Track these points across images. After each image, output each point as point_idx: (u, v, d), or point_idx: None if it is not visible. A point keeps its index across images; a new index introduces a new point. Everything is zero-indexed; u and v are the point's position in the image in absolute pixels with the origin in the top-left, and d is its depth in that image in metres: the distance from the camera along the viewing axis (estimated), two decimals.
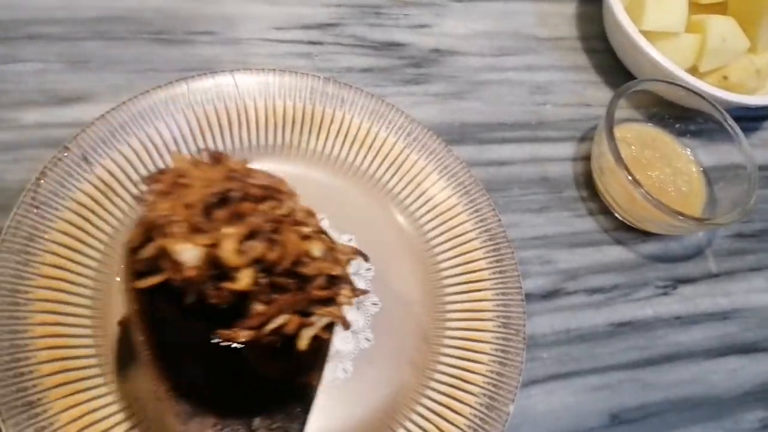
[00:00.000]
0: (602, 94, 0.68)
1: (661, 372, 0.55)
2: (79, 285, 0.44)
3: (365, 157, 0.54)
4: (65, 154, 0.47)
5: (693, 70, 0.64)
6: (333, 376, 0.46)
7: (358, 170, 0.54)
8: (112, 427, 0.40)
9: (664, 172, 0.60)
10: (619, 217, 0.60)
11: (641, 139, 0.62)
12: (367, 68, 0.62)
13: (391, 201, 0.54)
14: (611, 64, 0.69)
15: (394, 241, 0.52)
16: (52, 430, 0.38)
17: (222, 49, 0.59)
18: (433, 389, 0.46)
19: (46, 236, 0.44)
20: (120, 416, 0.41)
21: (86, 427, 0.39)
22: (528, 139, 0.63)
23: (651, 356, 0.55)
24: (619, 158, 0.55)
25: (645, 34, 0.62)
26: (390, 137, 0.55)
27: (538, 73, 0.67)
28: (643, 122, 0.64)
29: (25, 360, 0.40)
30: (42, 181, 0.45)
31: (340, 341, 0.48)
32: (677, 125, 0.63)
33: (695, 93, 0.60)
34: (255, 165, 0.51)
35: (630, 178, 0.54)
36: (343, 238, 0.51)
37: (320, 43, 0.62)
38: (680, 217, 0.54)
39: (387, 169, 0.54)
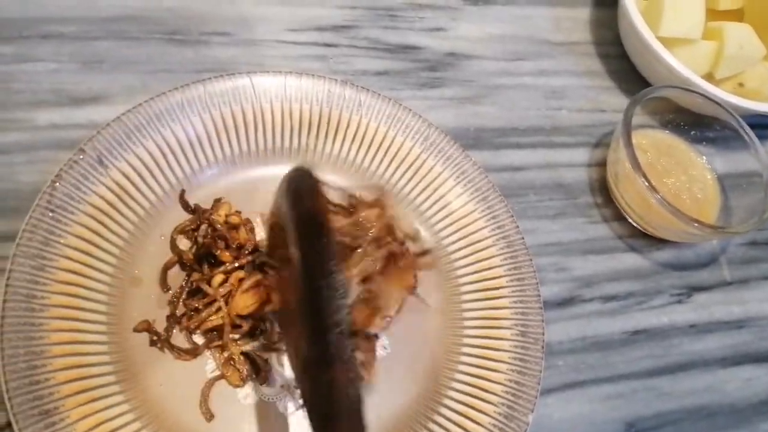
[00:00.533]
0: (616, 99, 0.67)
1: (676, 381, 0.54)
2: (95, 291, 0.43)
3: (381, 161, 0.54)
4: (81, 156, 0.46)
5: (709, 77, 0.64)
6: None
7: (374, 174, 0.54)
8: None
9: (680, 179, 0.60)
10: (634, 224, 0.60)
11: (657, 145, 0.62)
12: (381, 71, 0.61)
13: (407, 206, 0.53)
14: (625, 69, 0.69)
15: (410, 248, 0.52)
16: None
17: (236, 51, 0.58)
18: (452, 398, 0.46)
19: (61, 241, 0.43)
20: (137, 424, 0.40)
21: None
22: (543, 144, 0.62)
23: (666, 365, 0.55)
24: (636, 165, 0.54)
25: (661, 40, 0.62)
26: (407, 141, 0.54)
27: (553, 78, 0.67)
28: (659, 129, 0.63)
29: (41, 367, 0.39)
30: (57, 184, 0.45)
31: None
32: (693, 132, 0.63)
33: (711, 100, 0.60)
34: (271, 168, 0.52)
35: (647, 184, 0.54)
36: None
37: (335, 46, 0.62)
38: (696, 224, 0.54)
39: (403, 174, 0.54)
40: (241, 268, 0.46)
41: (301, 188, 0.35)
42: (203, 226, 0.48)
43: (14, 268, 0.41)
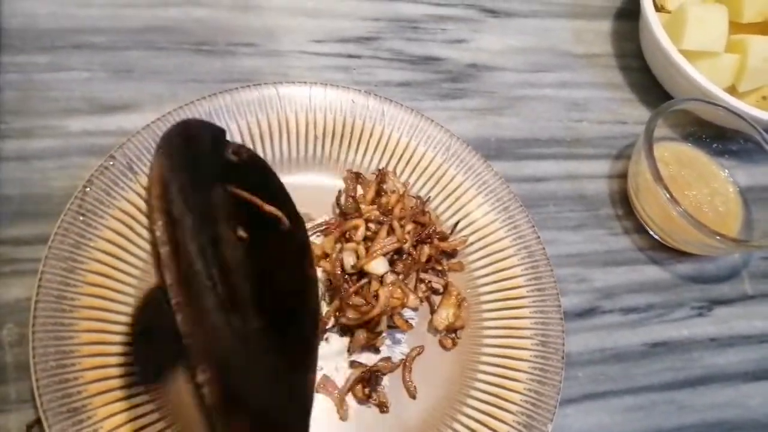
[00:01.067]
0: (637, 112, 0.67)
1: (696, 394, 0.54)
2: (123, 293, 0.44)
3: (403, 170, 0.55)
4: (111, 162, 0.47)
5: (732, 90, 0.64)
6: None
7: None
8: None
9: (702, 192, 0.60)
10: (655, 236, 0.60)
11: (678, 158, 0.62)
12: (404, 82, 0.62)
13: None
14: (646, 82, 0.69)
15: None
16: None
17: (262, 61, 0.60)
18: (470, 406, 0.46)
19: (91, 244, 0.44)
20: (161, 425, 0.41)
21: None
22: (564, 155, 0.62)
23: (687, 378, 0.55)
24: (658, 177, 0.54)
25: (683, 53, 0.62)
26: (429, 152, 0.55)
27: (574, 89, 0.67)
28: (681, 142, 0.63)
29: (70, 366, 0.40)
30: (88, 189, 0.46)
31: (375, 356, 0.48)
32: (714, 145, 0.63)
33: (734, 113, 0.60)
34: (295, 176, 0.53)
35: (668, 196, 0.54)
36: None
37: (358, 57, 0.63)
38: (718, 237, 0.54)
39: (425, 184, 0.54)
40: None
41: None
42: None
43: (46, 269, 0.42)
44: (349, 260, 0.47)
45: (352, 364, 0.47)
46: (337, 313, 0.47)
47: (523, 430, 0.45)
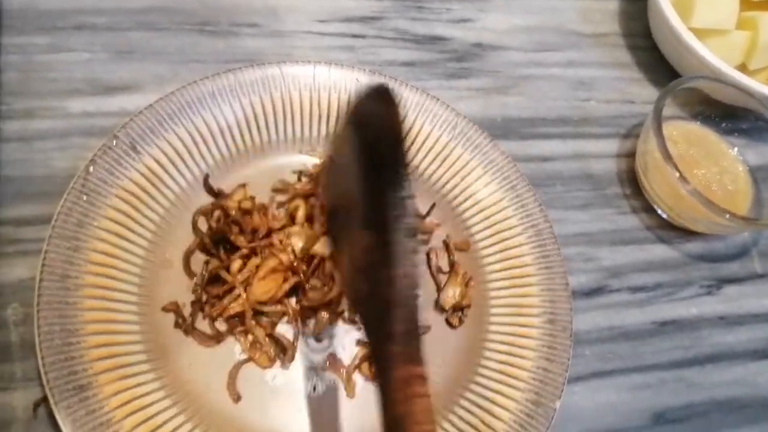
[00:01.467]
0: (645, 91, 0.67)
1: (705, 372, 0.54)
2: (127, 272, 0.44)
3: (409, 149, 0.54)
4: (114, 142, 0.47)
5: (742, 68, 0.63)
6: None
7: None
8: (160, 412, 0.40)
9: (711, 170, 0.59)
10: (663, 215, 0.59)
11: (687, 137, 0.61)
12: (409, 62, 0.62)
13: (435, 195, 0.53)
14: (654, 61, 0.68)
15: (438, 236, 0.52)
16: (102, 413, 0.38)
17: (266, 42, 0.59)
18: (478, 383, 0.46)
19: (95, 223, 0.44)
20: (167, 402, 0.41)
21: (135, 411, 0.39)
22: (571, 135, 0.62)
23: (695, 356, 0.54)
24: (667, 155, 0.54)
25: (693, 31, 0.61)
26: (435, 131, 0.54)
27: (581, 69, 0.66)
28: (689, 120, 0.62)
29: (75, 344, 0.40)
30: (91, 168, 0.45)
31: None
32: (724, 124, 0.62)
33: (744, 91, 0.59)
34: (299, 156, 0.52)
35: (678, 174, 0.53)
36: None
37: (362, 37, 0.62)
38: (728, 215, 0.53)
39: (431, 163, 0.54)
40: (256, 253, 0.47)
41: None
42: (216, 212, 0.48)
43: (50, 249, 0.42)
44: (297, 244, 0.47)
45: (359, 343, 0.46)
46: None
47: (531, 407, 0.44)
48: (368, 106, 0.35)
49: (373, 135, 0.35)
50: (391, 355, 0.32)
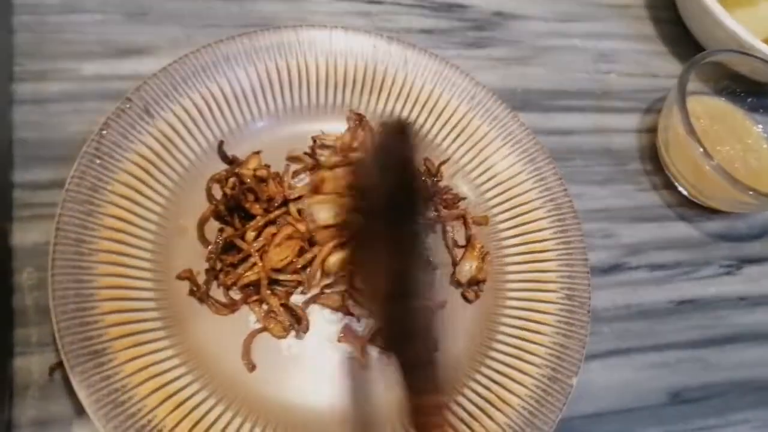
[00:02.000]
0: (669, 65, 0.65)
1: (723, 353, 0.53)
2: (141, 238, 0.43)
3: (426, 119, 0.53)
4: (128, 105, 0.46)
5: None
6: None
7: (418, 134, 0.53)
8: (176, 379, 0.40)
9: (734, 147, 0.58)
10: (685, 193, 0.58)
11: (711, 113, 0.59)
12: (426, 29, 0.60)
13: (452, 167, 0.52)
14: (678, 34, 0.67)
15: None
16: (117, 379, 0.38)
17: (281, 6, 0.58)
18: (494, 358, 0.45)
19: (109, 187, 0.43)
20: (183, 369, 0.40)
21: (150, 378, 0.39)
22: (592, 108, 0.60)
23: (713, 336, 0.53)
24: (691, 130, 0.52)
25: (720, 1, 0.59)
26: (453, 100, 0.53)
27: (603, 40, 0.65)
28: (714, 96, 0.61)
29: (90, 309, 0.39)
30: (105, 132, 0.45)
31: None
32: (749, 100, 0.61)
33: None
34: (315, 124, 0.51)
35: (701, 150, 0.52)
36: None
37: (379, 3, 0.61)
38: (751, 192, 0.52)
39: (449, 133, 0.53)
40: (272, 222, 0.46)
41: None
42: (231, 179, 0.47)
43: (64, 212, 0.41)
44: (319, 213, 0.46)
45: None
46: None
47: (548, 383, 0.44)
48: (388, 142, 0.39)
49: (392, 173, 0.38)
50: (409, 385, 0.34)
